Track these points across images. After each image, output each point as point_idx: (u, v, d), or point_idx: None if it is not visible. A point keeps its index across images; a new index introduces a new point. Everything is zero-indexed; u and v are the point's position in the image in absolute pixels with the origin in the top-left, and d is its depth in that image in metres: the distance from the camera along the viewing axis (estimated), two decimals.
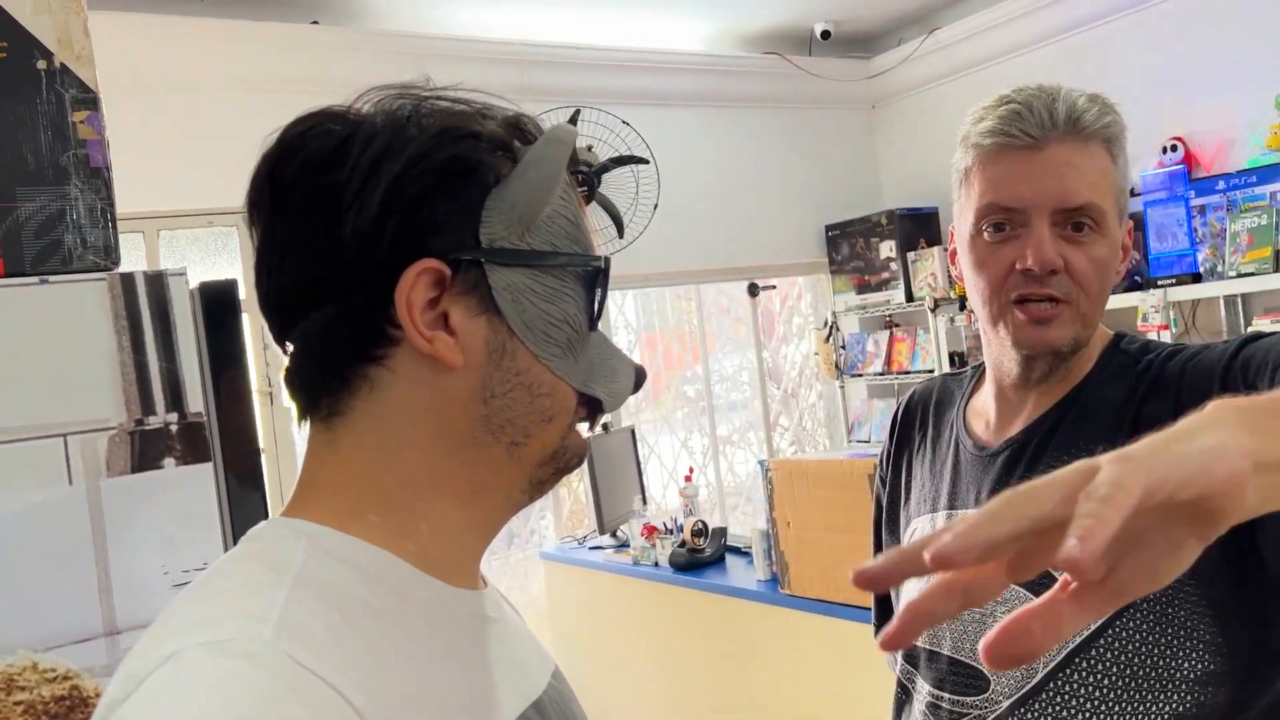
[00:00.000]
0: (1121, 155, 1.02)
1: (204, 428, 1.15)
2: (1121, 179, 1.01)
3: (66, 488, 1.08)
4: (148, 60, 3.28)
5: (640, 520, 3.54)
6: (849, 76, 4.94)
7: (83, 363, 1.10)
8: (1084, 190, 0.97)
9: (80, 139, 1.14)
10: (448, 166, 0.64)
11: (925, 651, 1.07)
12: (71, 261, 1.12)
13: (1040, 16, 4.25)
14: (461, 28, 3.95)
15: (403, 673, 0.59)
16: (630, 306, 4.97)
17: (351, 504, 0.65)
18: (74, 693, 1.07)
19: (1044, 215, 0.97)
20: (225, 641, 0.53)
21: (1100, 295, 1.00)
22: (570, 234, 0.69)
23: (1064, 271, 0.97)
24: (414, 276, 0.62)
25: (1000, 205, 0.99)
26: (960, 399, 1.16)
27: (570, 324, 0.68)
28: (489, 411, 0.66)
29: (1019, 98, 1.00)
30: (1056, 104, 0.98)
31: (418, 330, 0.63)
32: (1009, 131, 0.98)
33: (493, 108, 0.69)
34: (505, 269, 0.66)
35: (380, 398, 0.65)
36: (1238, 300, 3.61)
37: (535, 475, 0.69)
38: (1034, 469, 1.01)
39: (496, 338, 0.65)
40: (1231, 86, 3.72)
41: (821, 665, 2.72)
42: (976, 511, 0.45)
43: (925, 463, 1.16)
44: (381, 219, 0.63)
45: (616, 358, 0.73)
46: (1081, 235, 0.98)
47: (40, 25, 1.13)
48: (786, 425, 5.31)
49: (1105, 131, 0.99)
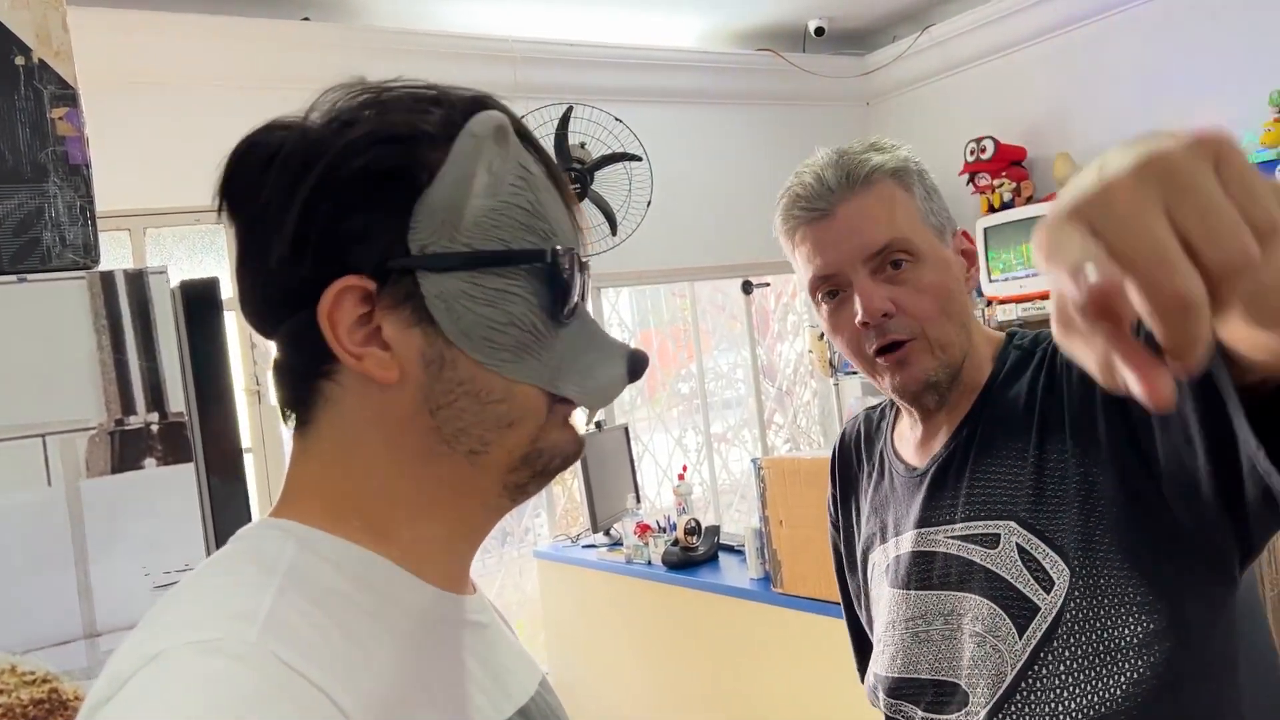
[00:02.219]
0: (916, 183, 1.07)
1: (185, 428, 1.14)
2: (925, 203, 1.06)
3: (45, 488, 1.07)
4: (135, 56, 3.26)
5: (634, 519, 3.53)
6: (843, 73, 4.93)
7: (62, 362, 1.09)
8: (882, 231, 1.02)
9: (59, 136, 1.12)
10: (363, 176, 0.61)
11: (906, 681, 1.08)
12: (50, 260, 1.11)
13: (1034, 13, 4.24)
14: (454, 24, 3.93)
15: (388, 674, 0.59)
16: (625, 304, 4.96)
17: (333, 508, 0.65)
18: (53, 695, 1.06)
19: (858, 268, 1.03)
20: (211, 641, 0.53)
21: (946, 314, 1.04)
22: (526, 225, 0.65)
23: (899, 312, 1.02)
24: (332, 296, 0.61)
25: (820, 276, 1.06)
26: (886, 429, 1.20)
27: (519, 325, 0.64)
28: (437, 423, 0.64)
29: (799, 179, 1.07)
30: (827, 172, 1.05)
31: (344, 349, 0.62)
32: (800, 212, 1.06)
33: (451, 95, 0.66)
34: (438, 275, 0.62)
35: (335, 411, 0.65)
36: None
37: (509, 480, 0.67)
38: (962, 478, 1.05)
39: (433, 348, 0.63)
40: (1226, 83, 3.71)
41: (814, 664, 2.72)
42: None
43: (868, 498, 1.21)
44: (300, 240, 0.62)
45: (597, 350, 0.69)
46: (902, 271, 1.03)
47: (18, 21, 1.11)
48: (781, 423, 5.30)
49: (883, 170, 1.05)
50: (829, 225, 1.04)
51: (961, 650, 1.02)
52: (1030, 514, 0.99)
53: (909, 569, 1.09)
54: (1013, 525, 1.00)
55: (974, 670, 1.00)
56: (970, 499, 1.04)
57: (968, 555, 1.02)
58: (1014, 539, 0.99)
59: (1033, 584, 0.97)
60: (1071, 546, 0.95)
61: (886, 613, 1.12)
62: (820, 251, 1.05)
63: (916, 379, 1.04)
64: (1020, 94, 4.31)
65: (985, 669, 0.99)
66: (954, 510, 1.05)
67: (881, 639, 1.12)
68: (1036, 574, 0.97)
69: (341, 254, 0.62)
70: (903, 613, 1.09)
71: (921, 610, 1.07)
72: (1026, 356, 1.07)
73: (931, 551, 1.06)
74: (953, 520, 1.05)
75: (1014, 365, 1.07)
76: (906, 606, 1.08)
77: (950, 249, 1.07)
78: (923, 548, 1.07)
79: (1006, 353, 1.09)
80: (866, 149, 1.07)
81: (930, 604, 1.06)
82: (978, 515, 1.03)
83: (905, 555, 1.09)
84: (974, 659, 1.00)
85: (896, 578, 1.11)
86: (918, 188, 1.07)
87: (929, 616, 1.05)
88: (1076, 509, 0.96)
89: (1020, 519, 0.99)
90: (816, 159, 1.08)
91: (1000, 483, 1.03)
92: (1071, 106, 4.19)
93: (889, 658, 1.10)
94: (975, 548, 1.02)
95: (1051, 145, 4.18)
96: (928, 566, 1.06)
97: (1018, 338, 1.10)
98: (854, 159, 1.05)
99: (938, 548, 1.06)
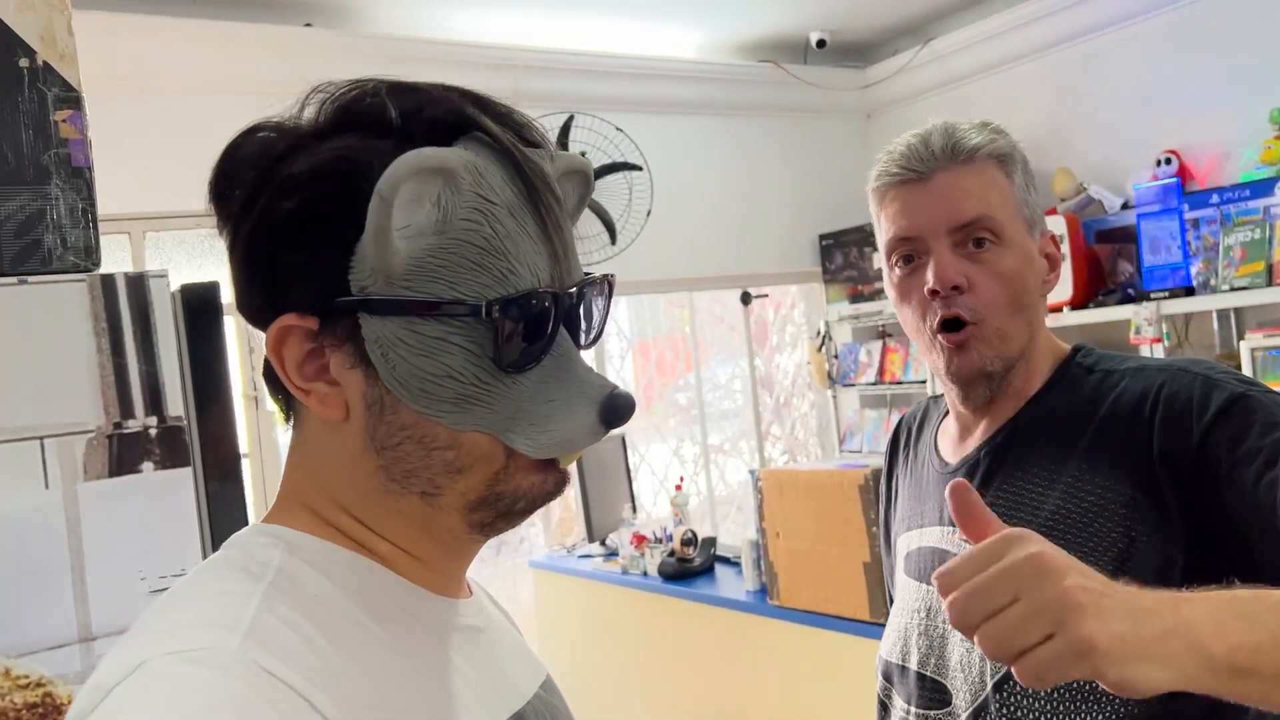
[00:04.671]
0: (1018, 171, 1.06)
1: (184, 431, 1.14)
2: (1022, 192, 1.06)
3: (43, 491, 1.07)
4: (138, 61, 3.26)
5: (630, 529, 3.53)
6: (844, 86, 4.94)
7: (61, 365, 1.08)
8: (974, 206, 1.02)
9: (62, 138, 1.12)
10: (300, 216, 0.59)
11: (897, 667, 1.10)
12: (51, 262, 1.11)
13: (1036, 29, 4.25)
14: (456, 32, 3.94)
15: (374, 679, 0.58)
16: (623, 314, 4.96)
17: (319, 514, 0.65)
18: (47, 700, 1.06)
19: (940, 237, 1.02)
20: (192, 651, 0.53)
21: (1015, 307, 1.03)
22: (478, 264, 0.59)
23: (969, 290, 1.01)
24: (275, 334, 0.60)
25: (901, 237, 1.05)
26: (936, 420, 1.20)
27: (457, 378, 0.59)
28: (385, 462, 0.62)
29: (904, 140, 1.07)
30: (934, 137, 1.05)
31: (292, 384, 0.61)
32: (897, 170, 1.05)
33: (423, 113, 0.61)
34: (376, 319, 0.59)
35: (306, 429, 0.65)
36: (1230, 314, 3.61)
37: (472, 520, 0.64)
38: (987, 485, 1.05)
39: (374, 391, 0.60)
40: (1226, 100, 3.72)
41: (810, 677, 2.71)
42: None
43: (908, 482, 1.21)
44: (247, 278, 0.62)
45: (564, 396, 0.62)
46: (984, 251, 1.02)
47: (24, 23, 1.11)
48: (779, 434, 5.30)
49: (990, 149, 1.05)
50: (923, 189, 1.04)
51: (951, 652, 1.02)
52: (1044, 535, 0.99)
53: (924, 562, 1.10)
54: None
55: (958, 674, 1.01)
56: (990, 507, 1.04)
57: None
58: None
59: None
60: None
61: (900, 599, 1.14)
62: (907, 213, 1.04)
63: (972, 365, 1.03)
64: (1020, 108, 4.32)
65: (968, 674, 0.99)
66: None
67: (891, 623, 1.14)
68: None
69: (284, 289, 0.61)
70: (911, 603, 1.10)
71: (927, 605, 1.08)
72: (1086, 375, 1.05)
73: (946, 550, 1.07)
74: None
75: (1070, 381, 1.06)
76: (916, 598, 1.10)
77: (1036, 246, 1.07)
78: (940, 544, 1.08)
79: (1066, 367, 1.07)
80: (977, 126, 1.06)
81: (935, 600, 1.06)
82: None
83: (925, 549, 1.11)
84: (960, 663, 1.01)
85: (913, 568, 1.12)
86: (1018, 175, 1.06)
87: (932, 612, 1.06)
88: (1100, 551, 0.94)
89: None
90: (925, 126, 1.08)
91: (1022, 496, 1.02)
92: (1071, 121, 4.20)
93: (890, 642, 1.12)
94: None
95: (1051, 160, 4.19)
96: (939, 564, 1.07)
97: (1082, 353, 1.08)
98: (962, 132, 1.05)
99: (951, 548, 1.06)
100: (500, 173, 0.61)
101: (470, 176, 0.60)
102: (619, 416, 0.63)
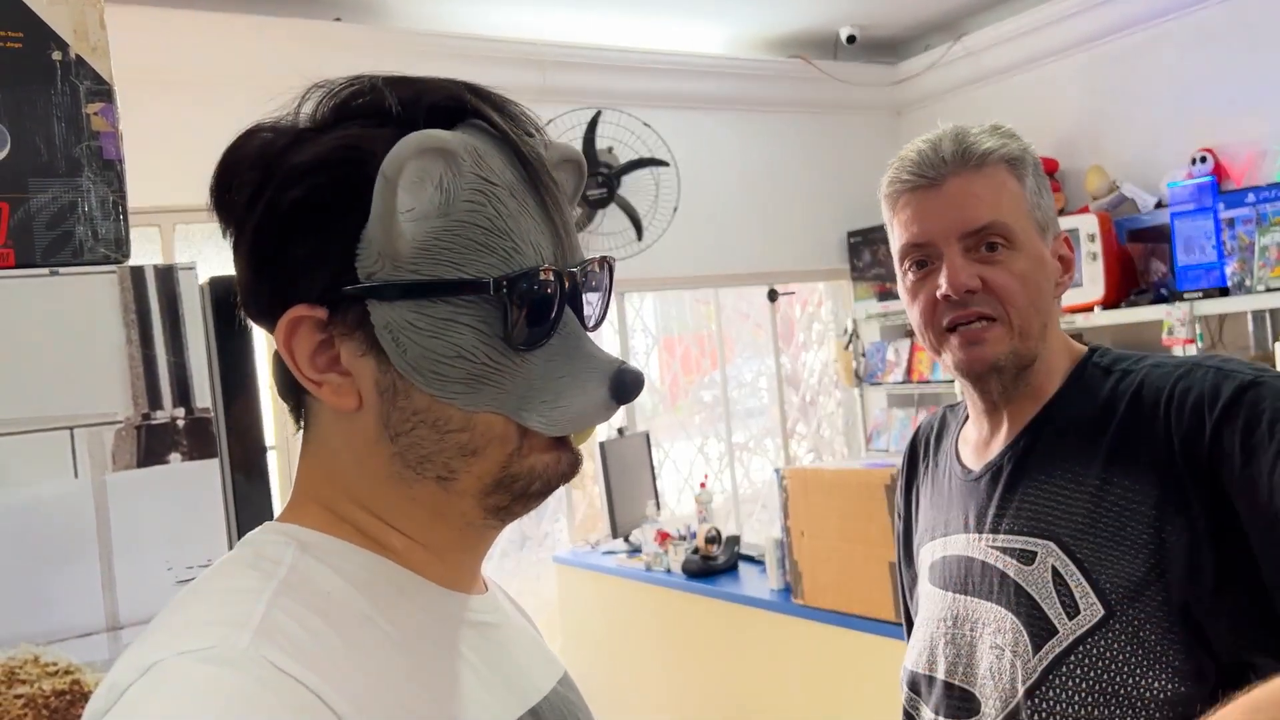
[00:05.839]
0: (1030, 174, 1.06)
1: (211, 423, 1.15)
2: (1034, 195, 1.06)
3: (72, 481, 1.07)
4: (169, 54, 3.29)
5: (654, 526, 3.52)
6: (874, 82, 4.91)
7: (91, 355, 1.09)
8: (985, 211, 1.02)
9: (94, 131, 1.13)
10: (304, 206, 0.60)
11: (924, 677, 1.09)
12: (82, 254, 1.12)
13: (1069, 24, 4.21)
14: (484, 27, 3.95)
15: (385, 675, 0.59)
16: (649, 310, 4.95)
17: (331, 512, 0.65)
18: (75, 687, 1.06)
19: (952, 243, 1.03)
20: (204, 650, 0.53)
21: (1032, 307, 1.03)
22: (484, 245, 0.60)
23: (984, 290, 1.02)
24: (285, 326, 0.61)
25: (913, 243, 1.05)
26: (955, 428, 1.20)
27: (468, 357, 0.60)
28: (399, 449, 0.62)
29: (915, 145, 1.07)
30: (944, 143, 1.05)
31: (304, 376, 0.62)
32: (908, 177, 1.05)
33: (420, 101, 0.62)
34: (385, 304, 0.60)
35: (319, 423, 0.66)
36: (1266, 315, 3.56)
37: (488, 504, 0.64)
38: (1013, 490, 1.04)
39: (385, 377, 0.61)
40: (1262, 98, 3.66)
41: (833, 677, 2.70)
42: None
43: (929, 493, 1.20)
44: (254, 272, 0.62)
45: (574, 372, 0.63)
46: (997, 254, 1.03)
47: (56, 16, 1.12)
48: (804, 433, 5.28)
49: (1001, 153, 1.04)
50: (934, 195, 1.04)
51: (979, 660, 1.01)
52: (1074, 540, 0.98)
53: (950, 571, 1.09)
54: (1052, 546, 0.98)
55: (988, 681, 1.00)
56: (1018, 512, 1.03)
57: (1003, 567, 1.02)
58: (1050, 560, 0.98)
59: (1058, 607, 0.96)
60: (1112, 587, 0.94)
61: (924, 609, 1.13)
62: (919, 219, 1.05)
63: (985, 358, 1.03)
64: (1053, 106, 4.28)
65: (999, 681, 0.98)
66: (1000, 520, 1.04)
67: (916, 633, 1.14)
68: (1065, 599, 0.96)
69: (292, 281, 0.61)
70: (936, 612, 1.10)
71: (954, 613, 1.07)
72: (1103, 375, 1.05)
73: (972, 558, 1.06)
74: (996, 530, 1.04)
75: (1088, 382, 1.05)
76: (942, 607, 1.09)
77: (1049, 249, 1.06)
78: (966, 552, 1.07)
79: (1083, 368, 1.07)
80: (988, 131, 1.07)
81: (962, 609, 1.06)
82: (1020, 530, 1.02)
83: (951, 558, 1.10)
84: (990, 670, 1.00)
85: (938, 577, 1.11)
86: (1030, 180, 1.06)
87: (959, 621, 1.06)
88: (1132, 554, 0.94)
89: (1062, 542, 0.98)
90: (936, 131, 1.08)
91: (1050, 501, 1.01)
92: (1104, 119, 4.15)
93: (916, 653, 1.11)
94: (1011, 561, 1.01)
95: (1084, 158, 4.14)
96: (967, 572, 1.06)
97: (1098, 354, 1.08)
98: (972, 137, 1.05)
99: (978, 555, 1.05)
100: (499, 156, 0.63)
101: (471, 159, 0.61)
102: (629, 391, 0.63)
